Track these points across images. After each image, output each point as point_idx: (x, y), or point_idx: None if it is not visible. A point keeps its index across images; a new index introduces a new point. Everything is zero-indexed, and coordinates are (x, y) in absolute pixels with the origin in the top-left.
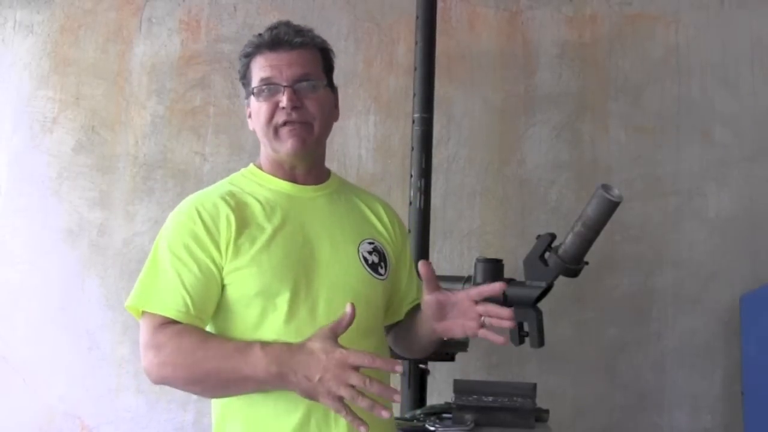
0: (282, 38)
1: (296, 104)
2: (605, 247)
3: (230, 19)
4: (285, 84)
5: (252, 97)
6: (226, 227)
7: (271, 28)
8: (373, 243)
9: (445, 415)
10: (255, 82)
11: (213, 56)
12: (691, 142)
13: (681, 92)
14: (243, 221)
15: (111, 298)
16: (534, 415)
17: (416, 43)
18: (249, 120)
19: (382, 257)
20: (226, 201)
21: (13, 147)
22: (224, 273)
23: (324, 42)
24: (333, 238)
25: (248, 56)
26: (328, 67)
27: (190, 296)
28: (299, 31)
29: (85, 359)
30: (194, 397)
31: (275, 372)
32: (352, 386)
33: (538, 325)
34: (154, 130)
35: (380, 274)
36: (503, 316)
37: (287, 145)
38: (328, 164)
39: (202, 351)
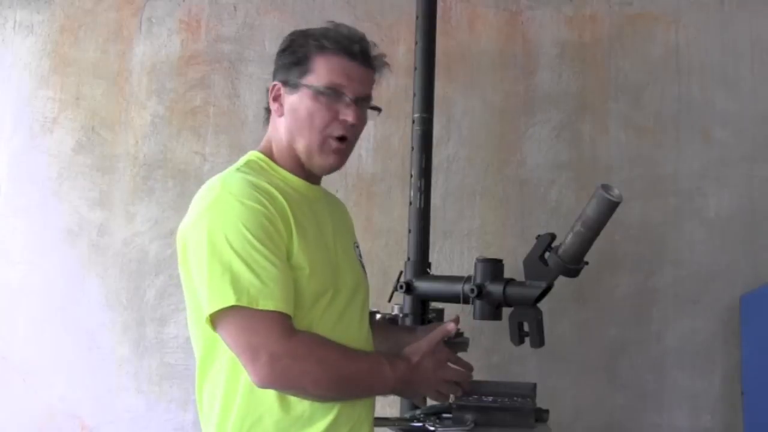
0: (366, 53)
1: (356, 123)
2: (605, 247)
3: (230, 19)
4: (352, 98)
5: (305, 91)
6: (286, 217)
7: (357, 40)
8: (358, 247)
9: (445, 415)
10: (321, 81)
11: (213, 56)
12: (691, 142)
13: (681, 92)
14: (295, 214)
15: (111, 298)
16: (534, 415)
17: (416, 43)
18: (275, 103)
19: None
20: (278, 190)
21: (13, 147)
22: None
23: (389, 68)
24: (341, 239)
25: (322, 49)
26: None
27: (290, 288)
28: (379, 54)
29: (85, 359)
30: (194, 397)
31: (399, 389)
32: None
33: (538, 325)
34: (154, 130)
35: (366, 276)
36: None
37: (329, 160)
38: None
39: (346, 366)
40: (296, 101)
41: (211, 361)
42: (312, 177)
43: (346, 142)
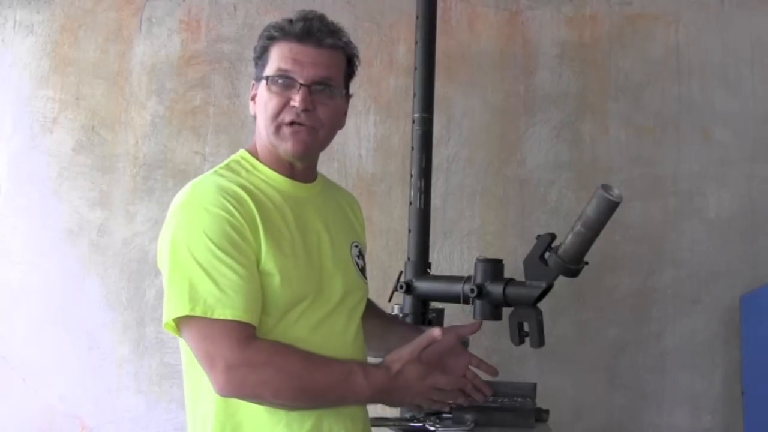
0: (314, 32)
1: (308, 107)
2: (605, 247)
3: (230, 19)
4: (302, 82)
5: (262, 83)
6: (254, 222)
7: (303, 18)
8: (357, 246)
9: (445, 415)
10: (271, 70)
11: (213, 56)
12: (691, 142)
13: (681, 92)
14: (265, 220)
15: (111, 298)
16: (534, 415)
17: (416, 43)
18: (251, 102)
19: (364, 259)
20: (247, 193)
21: (13, 147)
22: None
23: (354, 49)
24: (333, 242)
25: (271, 39)
26: (349, 74)
27: (254, 296)
28: (333, 31)
29: (85, 359)
30: None
31: (377, 399)
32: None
33: (538, 325)
34: (154, 130)
35: (365, 278)
36: (484, 392)
37: (287, 145)
38: (328, 164)
39: (308, 376)
40: (258, 95)
41: (191, 364)
42: (303, 174)
43: (302, 126)
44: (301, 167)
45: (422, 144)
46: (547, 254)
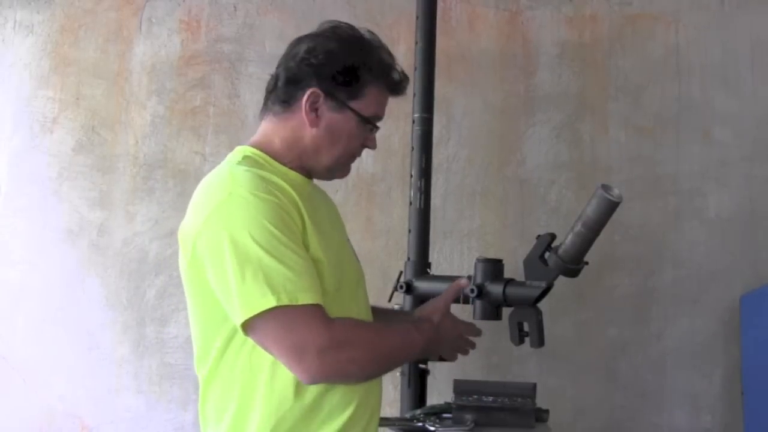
0: (404, 91)
1: None
2: (605, 247)
3: (230, 19)
4: (376, 128)
5: (350, 114)
6: (299, 209)
7: (403, 78)
8: (348, 239)
9: (445, 415)
10: (369, 110)
11: (213, 56)
12: (691, 142)
13: (681, 92)
14: (306, 208)
15: (111, 298)
16: (534, 415)
17: (416, 43)
18: (311, 114)
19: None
20: (289, 185)
21: (13, 147)
22: None
23: None
24: (338, 232)
25: (377, 78)
26: None
27: (317, 277)
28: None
29: (85, 359)
30: (194, 397)
31: (425, 350)
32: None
33: (538, 325)
34: (154, 130)
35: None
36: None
37: (343, 174)
38: None
39: (382, 343)
40: (339, 121)
41: (223, 366)
42: (308, 173)
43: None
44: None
45: (422, 144)
46: (547, 254)
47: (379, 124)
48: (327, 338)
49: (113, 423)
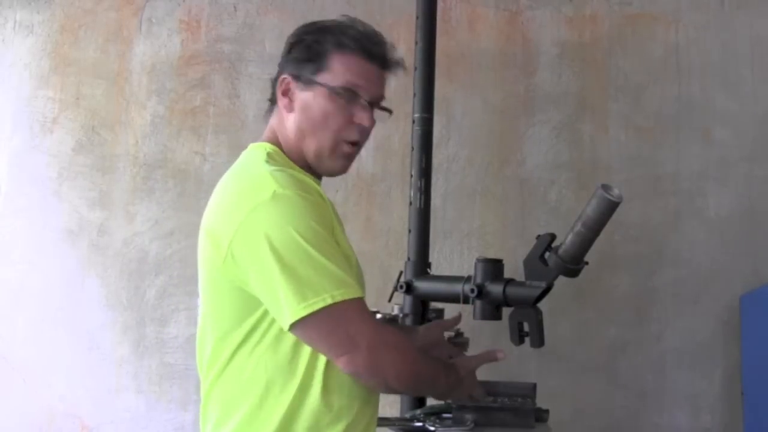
0: (386, 56)
1: (372, 126)
2: (605, 247)
3: (230, 19)
4: (369, 100)
5: (320, 89)
6: (330, 212)
7: (377, 42)
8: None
9: (445, 415)
10: (339, 80)
11: (213, 56)
12: (691, 142)
13: (681, 92)
14: (334, 210)
15: (111, 298)
16: (534, 415)
17: (416, 43)
18: (283, 98)
19: None
20: (319, 186)
21: (13, 147)
22: None
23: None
24: (347, 237)
25: (341, 47)
26: None
27: (355, 274)
28: (399, 59)
29: (85, 359)
30: (194, 397)
31: (442, 394)
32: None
33: (538, 325)
34: (154, 130)
35: None
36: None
37: (339, 164)
38: None
39: (421, 363)
40: (309, 99)
41: (233, 367)
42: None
43: (357, 146)
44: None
45: (422, 144)
46: (547, 254)
47: (369, 99)
48: (375, 335)
49: (113, 423)
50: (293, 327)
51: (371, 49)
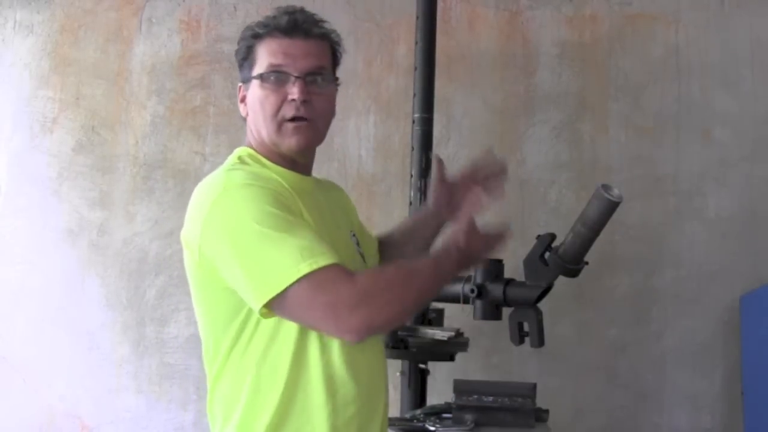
0: (300, 25)
1: (307, 98)
2: (605, 247)
3: (230, 19)
4: (297, 75)
5: (254, 82)
6: (294, 198)
7: (288, 12)
8: (354, 235)
9: (445, 415)
10: (262, 68)
11: (213, 56)
12: (691, 142)
13: (681, 92)
14: (301, 200)
15: (111, 298)
16: (534, 415)
17: (416, 43)
18: (241, 105)
19: (360, 247)
20: (283, 179)
21: (13, 147)
22: None
23: (337, 36)
24: (339, 233)
25: (257, 37)
26: (335, 63)
27: (328, 243)
28: (318, 21)
29: (85, 359)
30: (194, 396)
31: (459, 272)
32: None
33: (538, 325)
34: (154, 130)
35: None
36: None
37: (291, 141)
38: (328, 164)
39: (415, 279)
40: (250, 95)
41: (231, 365)
42: (304, 168)
43: (304, 121)
44: (302, 162)
45: (422, 144)
46: (547, 254)
47: (298, 73)
48: (353, 293)
49: (113, 423)
50: (271, 309)
51: (281, 24)
